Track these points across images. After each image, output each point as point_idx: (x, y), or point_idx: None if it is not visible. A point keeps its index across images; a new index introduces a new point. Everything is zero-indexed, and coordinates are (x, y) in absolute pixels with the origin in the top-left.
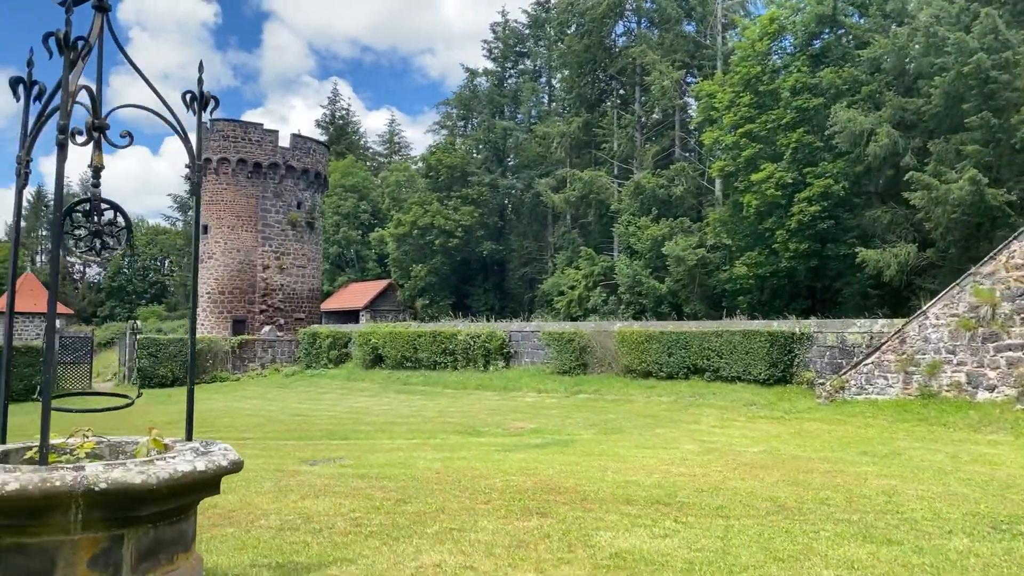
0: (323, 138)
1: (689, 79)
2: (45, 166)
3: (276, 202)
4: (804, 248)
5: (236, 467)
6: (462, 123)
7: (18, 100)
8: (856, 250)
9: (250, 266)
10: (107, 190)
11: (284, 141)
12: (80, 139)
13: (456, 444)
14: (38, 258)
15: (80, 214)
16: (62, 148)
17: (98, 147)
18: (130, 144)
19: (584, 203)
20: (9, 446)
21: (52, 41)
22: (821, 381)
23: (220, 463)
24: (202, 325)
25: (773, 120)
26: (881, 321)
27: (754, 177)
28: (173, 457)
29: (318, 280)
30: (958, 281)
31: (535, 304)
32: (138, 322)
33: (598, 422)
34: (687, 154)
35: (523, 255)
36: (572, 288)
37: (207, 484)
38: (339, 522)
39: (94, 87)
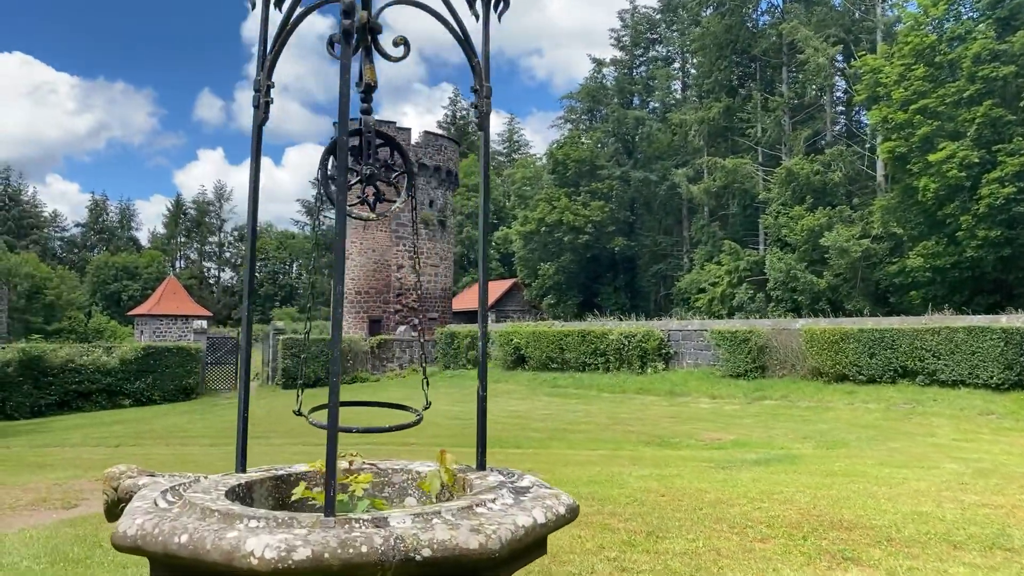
0: None
1: (837, 58)
2: (179, 177)
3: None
4: (995, 235)
5: (573, 514)
6: (586, 116)
7: (253, 7)
8: None
9: (384, 266)
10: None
11: (415, 138)
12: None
13: (655, 458)
14: (177, 264)
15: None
16: (347, 37)
17: (369, 56)
18: (405, 56)
19: (727, 194)
20: (252, 475)
21: None
22: None
23: (558, 511)
24: None
25: (953, 94)
26: None
27: (932, 158)
28: (492, 501)
29: (450, 279)
30: None
31: (670, 303)
32: (280, 322)
33: (809, 433)
34: (835, 138)
35: (655, 251)
36: (714, 285)
37: (542, 542)
38: (596, 563)
39: None
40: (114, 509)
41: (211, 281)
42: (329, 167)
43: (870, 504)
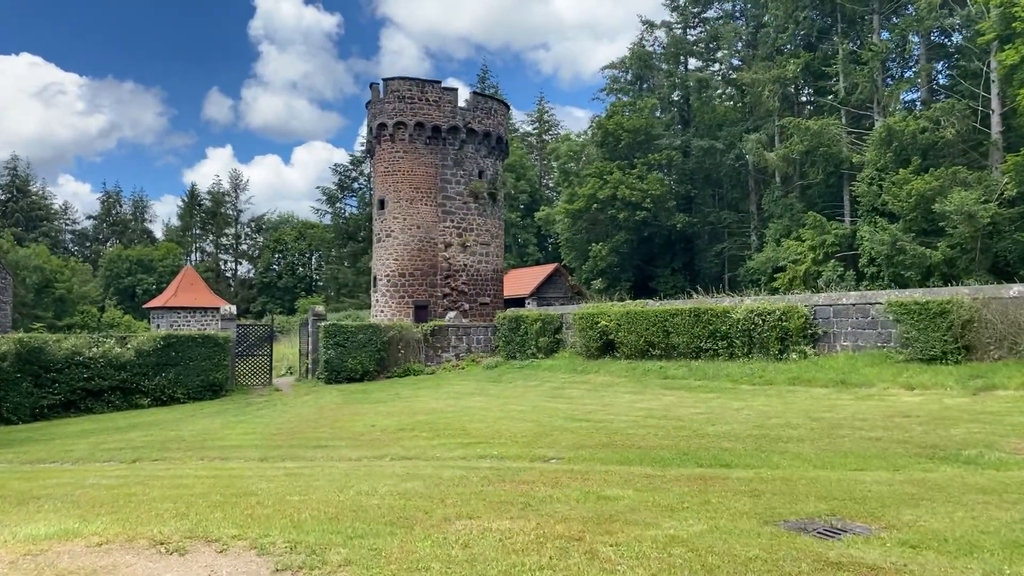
0: None
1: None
2: (189, 176)
3: (456, 171)
4: None
5: None
6: (632, 86)
7: None
8: None
9: (431, 244)
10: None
11: (462, 101)
12: None
13: (1005, 486)
14: (193, 256)
15: None
16: None
17: None
18: None
19: (807, 160)
20: None
21: None
22: None
23: None
24: (382, 312)
25: None
26: None
27: None
28: None
29: (501, 259)
30: None
31: (737, 284)
32: (320, 307)
33: None
34: (931, 92)
35: (718, 228)
36: (795, 263)
37: None
38: None
39: None
40: None
41: (228, 274)
42: None
43: None
